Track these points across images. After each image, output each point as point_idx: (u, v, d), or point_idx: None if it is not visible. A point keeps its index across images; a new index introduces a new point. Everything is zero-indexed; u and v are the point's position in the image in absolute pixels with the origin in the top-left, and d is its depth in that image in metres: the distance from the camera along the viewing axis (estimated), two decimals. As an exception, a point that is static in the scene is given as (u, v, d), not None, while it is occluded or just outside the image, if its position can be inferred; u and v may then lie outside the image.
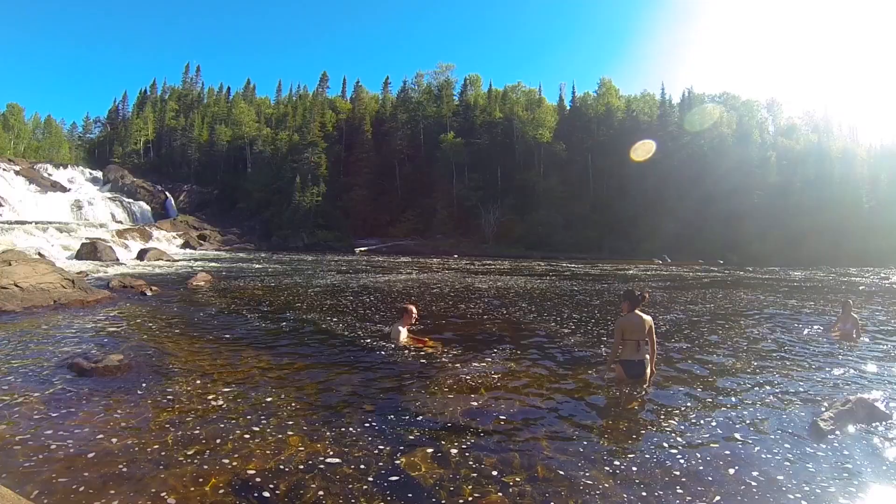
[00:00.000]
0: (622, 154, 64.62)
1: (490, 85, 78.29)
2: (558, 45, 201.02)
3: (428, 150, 68.97)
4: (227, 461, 3.31)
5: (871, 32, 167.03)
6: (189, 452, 3.40)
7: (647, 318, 5.57)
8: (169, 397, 4.55)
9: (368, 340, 7.54)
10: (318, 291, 14.33)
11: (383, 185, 67.83)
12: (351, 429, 3.99)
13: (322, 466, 3.30)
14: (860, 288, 21.46)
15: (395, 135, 70.40)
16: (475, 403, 4.81)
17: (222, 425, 3.91)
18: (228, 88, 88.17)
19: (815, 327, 10.02)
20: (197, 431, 3.75)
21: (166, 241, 43.21)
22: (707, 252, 52.43)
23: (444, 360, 6.49)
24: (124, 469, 3.15)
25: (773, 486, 3.28)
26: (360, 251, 52.92)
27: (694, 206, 59.55)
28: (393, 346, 7.10)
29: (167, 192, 64.36)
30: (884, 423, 4.52)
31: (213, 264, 26.17)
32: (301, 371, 5.73)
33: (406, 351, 6.89)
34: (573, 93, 75.09)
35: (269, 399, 4.62)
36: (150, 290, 12.43)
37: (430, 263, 34.19)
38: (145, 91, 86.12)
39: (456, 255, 47.62)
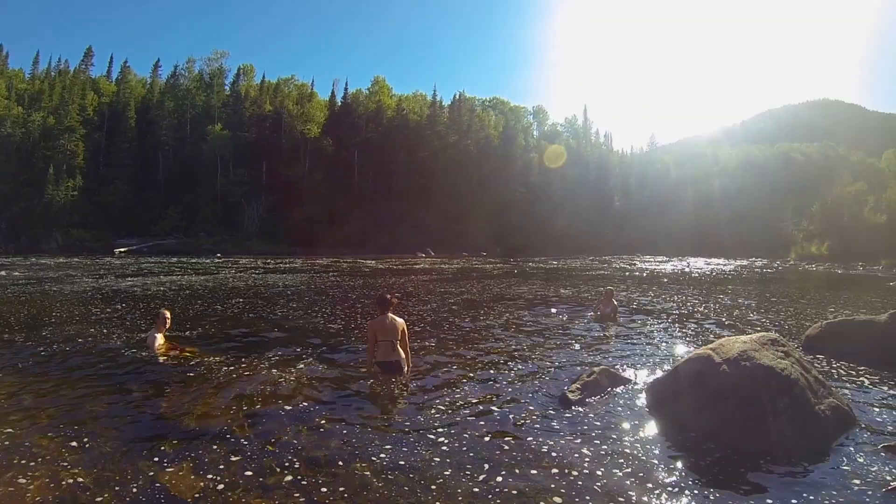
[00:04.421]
0: (389, 151, 75.76)
1: (263, 77, 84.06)
2: (337, 43, 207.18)
3: (194, 141, 72.80)
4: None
5: (623, 52, 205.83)
6: None
7: (399, 320, 6.34)
8: None
9: (124, 350, 7.65)
10: (70, 300, 14.27)
11: (146, 179, 70.09)
12: (106, 449, 4.03)
13: (77, 496, 3.28)
14: (618, 274, 26.36)
15: (161, 124, 72.72)
16: (236, 408, 5.02)
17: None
18: (-27, 54, 79.61)
19: (577, 310, 11.35)
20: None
21: None
22: (472, 245, 63.49)
23: (202, 365, 6.63)
24: None
25: (525, 447, 4.14)
26: (120, 252, 54.04)
27: (459, 202, 70.83)
28: (150, 354, 7.20)
29: None
30: (623, 386, 5.75)
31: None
32: (49, 392, 5.57)
33: (163, 358, 7.06)
34: (346, 89, 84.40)
35: (8, 431, 4.38)
36: None
37: (193, 264, 35.33)
38: None
39: (219, 255, 50.44)
